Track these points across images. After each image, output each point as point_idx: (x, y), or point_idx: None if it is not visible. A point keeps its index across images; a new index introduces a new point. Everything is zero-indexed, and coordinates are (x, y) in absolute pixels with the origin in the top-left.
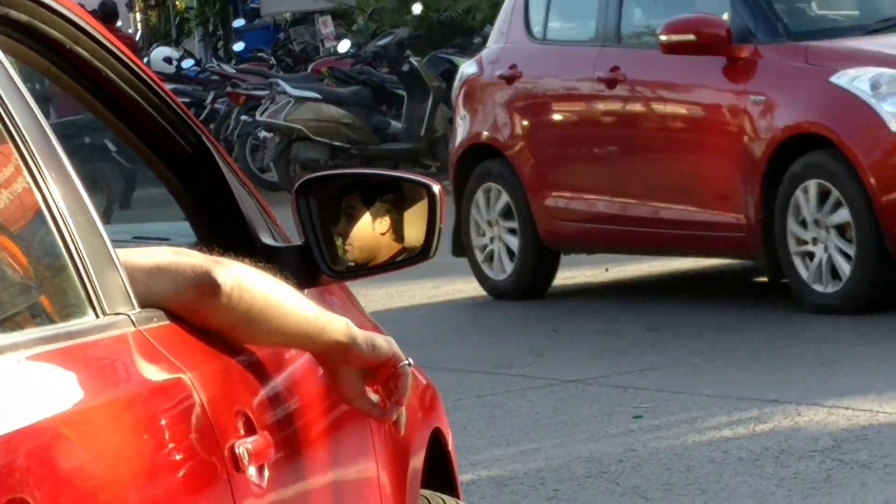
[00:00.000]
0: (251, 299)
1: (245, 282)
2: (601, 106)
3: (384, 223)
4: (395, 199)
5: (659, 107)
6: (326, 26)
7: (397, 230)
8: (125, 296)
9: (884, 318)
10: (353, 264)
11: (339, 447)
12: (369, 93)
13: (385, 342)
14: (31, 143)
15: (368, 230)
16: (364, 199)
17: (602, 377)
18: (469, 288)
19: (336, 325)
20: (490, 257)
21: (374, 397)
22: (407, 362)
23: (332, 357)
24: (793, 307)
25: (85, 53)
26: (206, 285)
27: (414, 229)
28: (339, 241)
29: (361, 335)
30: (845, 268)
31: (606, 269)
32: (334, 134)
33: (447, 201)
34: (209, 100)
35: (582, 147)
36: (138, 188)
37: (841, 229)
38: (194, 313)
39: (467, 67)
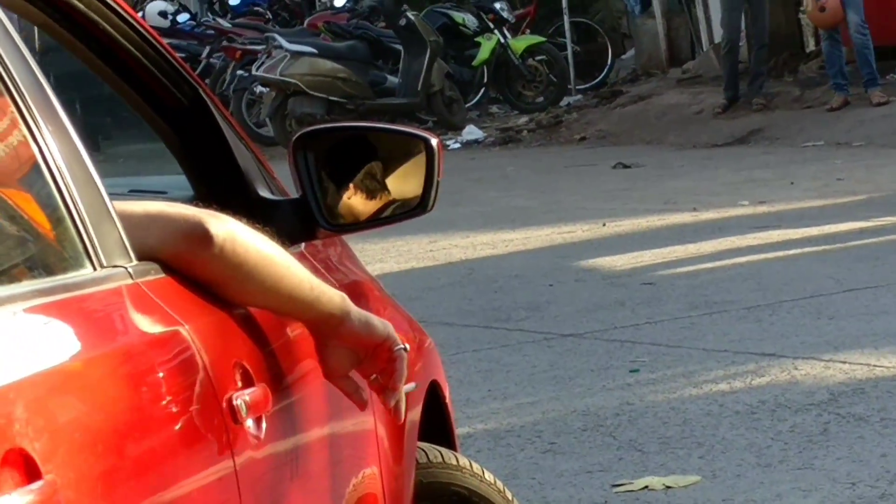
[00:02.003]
0: (244, 254)
1: (239, 237)
2: None
3: (370, 181)
4: (387, 155)
5: None
6: None
7: (384, 188)
8: (122, 248)
9: (880, 270)
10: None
11: (337, 399)
12: (366, 47)
13: (380, 323)
14: (27, 96)
15: (355, 187)
16: (356, 156)
17: (598, 331)
18: (465, 243)
19: (331, 296)
20: None
21: (362, 384)
22: (402, 346)
23: (324, 329)
24: (790, 260)
25: (81, 6)
26: (198, 235)
27: (411, 183)
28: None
29: (356, 311)
30: None
31: (604, 224)
32: (330, 89)
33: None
34: (205, 54)
35: None
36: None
37: None
38: (187, 264)
39: None
